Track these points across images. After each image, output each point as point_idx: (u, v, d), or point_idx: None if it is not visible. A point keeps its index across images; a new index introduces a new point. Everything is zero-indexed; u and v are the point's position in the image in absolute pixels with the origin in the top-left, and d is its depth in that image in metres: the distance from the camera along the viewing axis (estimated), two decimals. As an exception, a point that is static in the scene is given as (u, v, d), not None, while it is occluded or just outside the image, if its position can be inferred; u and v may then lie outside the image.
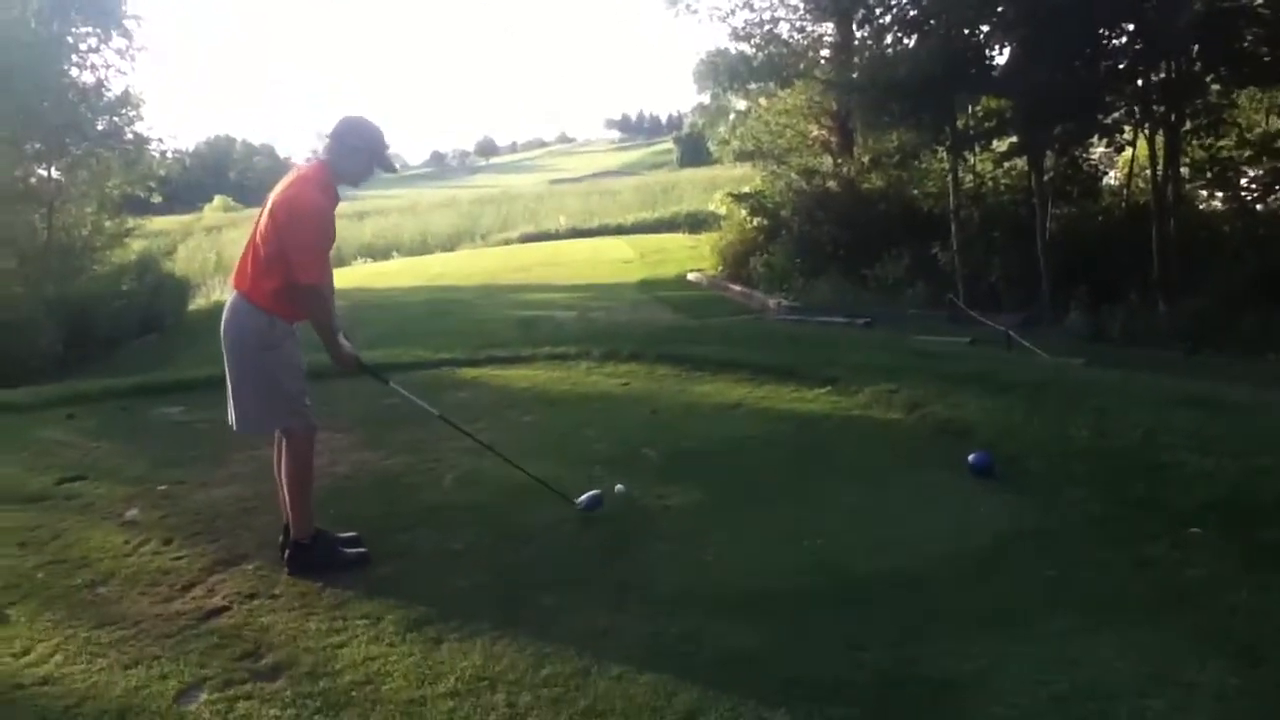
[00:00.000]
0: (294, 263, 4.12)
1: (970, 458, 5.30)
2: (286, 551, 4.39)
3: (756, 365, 7.98)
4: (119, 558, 4.59)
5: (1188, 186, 17.87)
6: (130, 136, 24.28)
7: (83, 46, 23.21)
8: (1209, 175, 17.94)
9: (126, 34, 23.47)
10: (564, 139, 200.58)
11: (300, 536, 4.35)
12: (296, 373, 4.34)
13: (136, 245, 26.11)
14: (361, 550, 4.47)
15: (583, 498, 4.88)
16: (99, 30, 23.17)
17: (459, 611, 3.87)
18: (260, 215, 4.30)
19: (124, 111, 24.03)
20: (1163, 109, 16.24)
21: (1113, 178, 20.77)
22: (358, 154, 4.34)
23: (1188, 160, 17.38)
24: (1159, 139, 16.53)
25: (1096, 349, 12.74)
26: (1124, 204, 19.13)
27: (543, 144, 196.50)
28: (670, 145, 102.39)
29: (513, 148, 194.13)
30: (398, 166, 4.66)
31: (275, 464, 4.51)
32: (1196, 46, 15.75)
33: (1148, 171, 17.26)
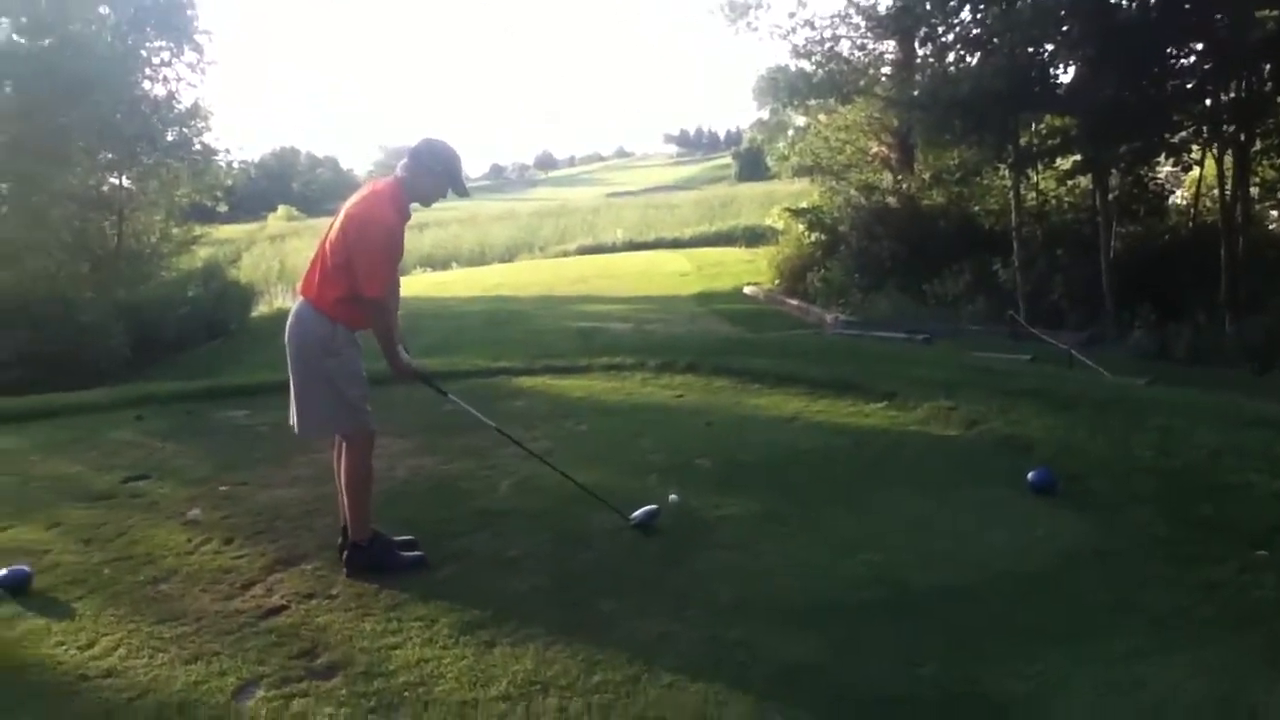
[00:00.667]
0: (361, 276, 4.20)
1: (1031, 475, 5.23)
2: (344, 553, 4.44)
3: (813, 379, 7.94)
4: (181, 555, 4.68)
5: (1257, 206, 17.54)
6: (198, 147, 24.83)
7: (155, 60, 23.84)
8: (1278, 195, 17.63)
9: (198, 48, 24.10)
10: (622, 154, 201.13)
11: (358, 538, 4.39)
12: (358, 379, 4.40)
13: (203, 253, 26.66)
14: (419, 554, 4.50)
15: (638, 513, 4.87)
16: (172, 45, 23.77)
17: (513, 615, 3.88)
18: (331, 225, 4.38)
19: (193, 123, 24.62)
20: (1232, 128, 15.96)
21: (1179, 197, 20.46)
22: (434, 176, 4.40)
23: (1257, 180, 17.07)
24: (1228, 158, 16.25)
25: (1161, 368, 12.53)
26: (1191, 223, 18.83)
27: (600, 159, 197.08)
28: (728, 160, 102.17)
29: (571, 161, 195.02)
30: (468, 192, 4.72)
31: (335, 467, 4.56)
32: (1268, 66, 15.49)
33: (1215, 191, 16.97)
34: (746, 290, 24.73)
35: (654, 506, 4.91)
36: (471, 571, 4.38)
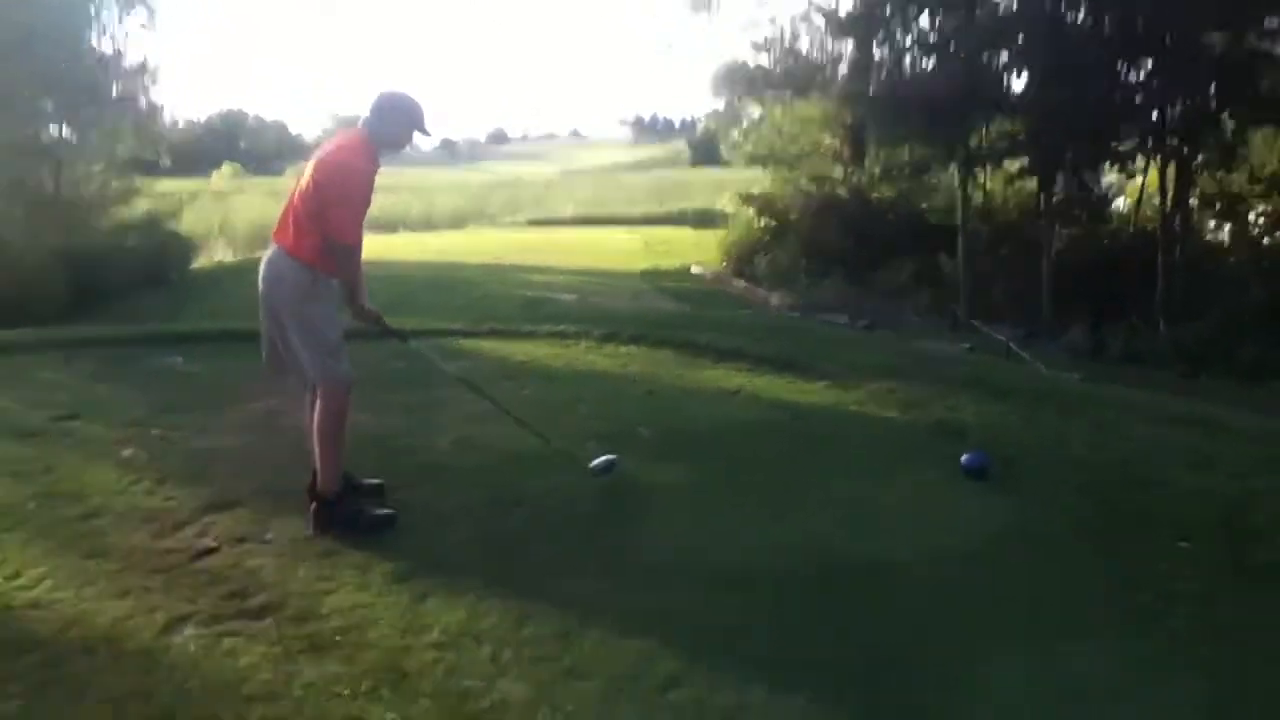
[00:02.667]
0: (333, 221, 4.16)
1: (964, 457, 5.30)
2: (312, 506, 4.33)
3: (756, 355, 7.96)
4: (112, 494, 4.60)
5: (1196, 217, 17.95)
6: (144, 104, 24.50)
7: (105, 15, 23.41)
8: (1217, 208, 18.05)
9: (147, 5, 23.69)
10: (576, 135, 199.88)
11: (326, 491, 4.30)
12: (336, 324, 4.36)
13: (143, 205, 26.18)
14: (389, 512, 4.42)
15: (597, 460, 4.90)
16: (121, 2, 23.38)
17: (447, 568, 3.89)
18: (301, 176, 4.34)
19: (140, 80, 24.27)
20: (1176, 142, 16.31)
21: (1121, 204, 20.87)
22: (397, 122, 4.39)
23: (1197, 192, 17.46)
24: (1170, 170, 16.61)
25: (1095, 366, 12.78)
26: (1131, 229, 19.22)
27: (554, 138, 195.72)
28: (682, 146, 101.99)
29: (524, 139, 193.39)
30: (431, 131, 4.69)
31: (307, 416, 4.48)
32: (1213, 84, 15.85)
33: (1157, 200, 17.34)
34: (694, 269, 24.81)
35: (613, 456, 4.95)
36: (407, 524, 4.35)
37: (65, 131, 23.66)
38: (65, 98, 22.54)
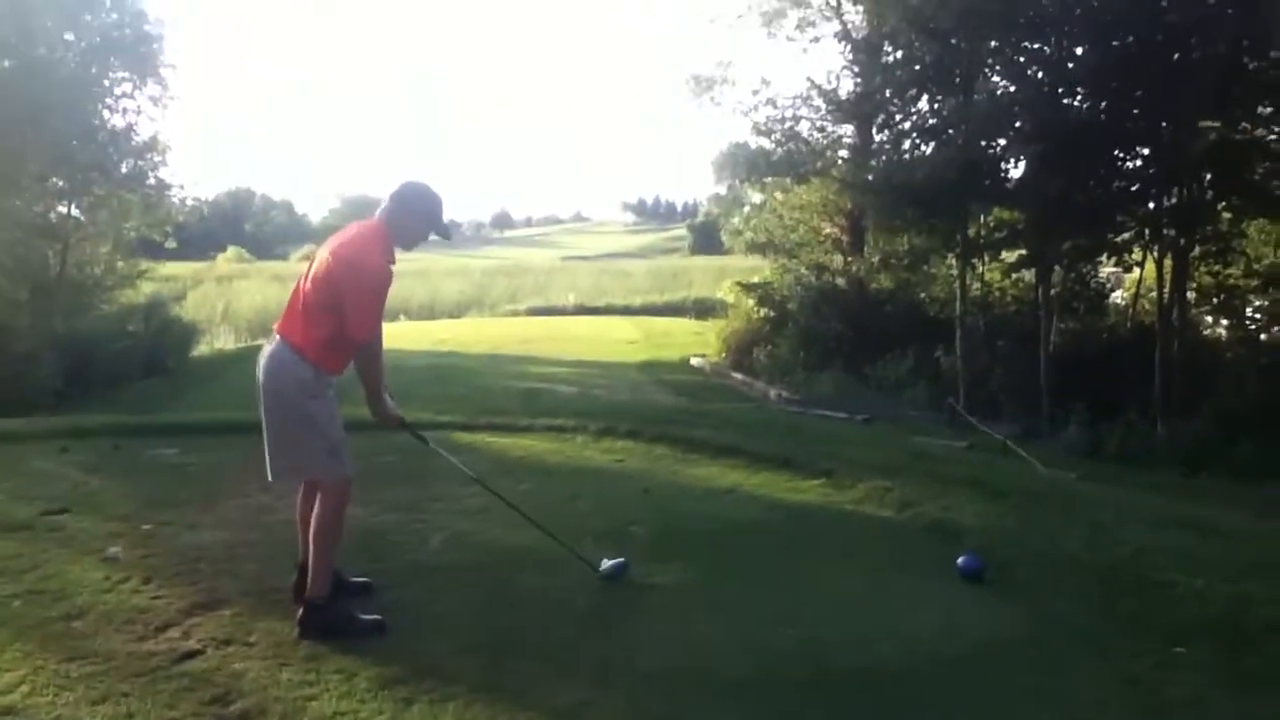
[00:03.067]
0: (350, 319, 4.12)
1: (960, 560, 5.27)
2: (300, 610, 4.21)
3: (753, 453, 7.97)
4: (96, 593, 4.55)
5: (1193, 311, 18.01)
6: (152, 181, 24.58)
7: (117, 91, 23.61)
8: (1215, 301, 18.13)
9: (161, 81, 23.88)
10: (579, 218, 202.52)
11: (316, 595, 4.20)
12: (338, 422, 4.31)
13: (147, 288, 26.25)
14: (377, 619, 4.30)
15: (606, 565, 4.90)
16: (134, 76, 23.57)
17: (435, 673, 3.82)
18: (310, 264, 4.31)
19: (149, 156, 24.37)
20: (1172, 233, 16.43)
21: (1119, 296, 20.97)
22: (417, 218, 4.38)
23: (1194, 285, 17.54)
24: (1167, 262, 16.71)
25: (1092, 465, 12.72)
26: (1129, 323, 19.29)
27: (558, 221, 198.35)
28: (683, 231, 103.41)
29: (528, 222, 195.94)
30: (450, 233, 4.70)
31: (300, 512, 4.44)
32: (1209, 175, 16.02)
33: (1154, 293, 17.42)
34: (693, 361, 24.85)
35: (623, 560, 4.93)
36: (396, 626, 4.28)
37: (74, 210, 23.73)
38: (75, 174, 22.60)
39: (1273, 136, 15.68)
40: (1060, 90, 16.80)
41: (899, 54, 19.28)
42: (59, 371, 17.25)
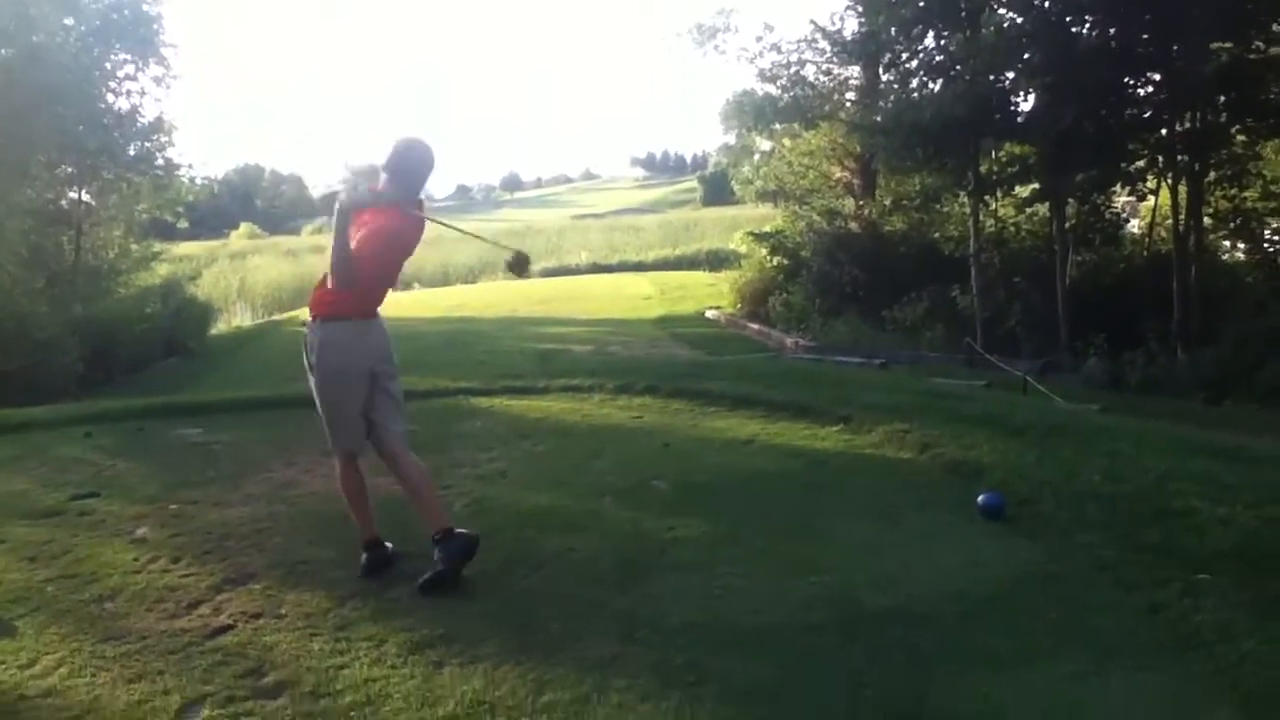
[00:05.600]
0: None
1: (980, 498, 5.28)
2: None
3: (771, 402, 7.97)
4: (127, 574, 4.62)
5: (1210, 237, 17.83)
6: (161, 162, 24.59)
7: (120, 73, 23.56)
8: (1232, 226, 17.94)
9: (163, 61, 23.81)
10: (589, 175, 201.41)
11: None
12: (333, 390, 4.48)
13: (162, 269, 26.36)
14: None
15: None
16: (136, 58, 23.51)
17: (463, 636, 3.87)
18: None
19: (156, 137, 24.36)
20: (1186, 159, 16.25)
21: (1135, 226, 20.77)
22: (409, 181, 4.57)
23: (1211, 211, 17.36)
24: (1182, 188, 16.53)
25: (1114, 396, 12.68)
26: (1145, 252, 19.11)
27: (568, 180, 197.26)
28: (694, 184, 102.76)
29: (537, 183, 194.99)
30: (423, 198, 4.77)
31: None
32: (1222, 98, 15.79)
33: (1170, 221, 17.25)
34: (708, 314, 24.83)
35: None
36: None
37: (84, 196, 23.82)
38: (83, 160, 22.66)
39: (1287, 55, 15.41)
40: (1068, 19, 16.53)
41: (902, -10, 19.00)
42: (81, 357, 17.33)
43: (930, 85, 19.13)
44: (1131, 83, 16.82)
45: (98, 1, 22.78)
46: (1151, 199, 18.79)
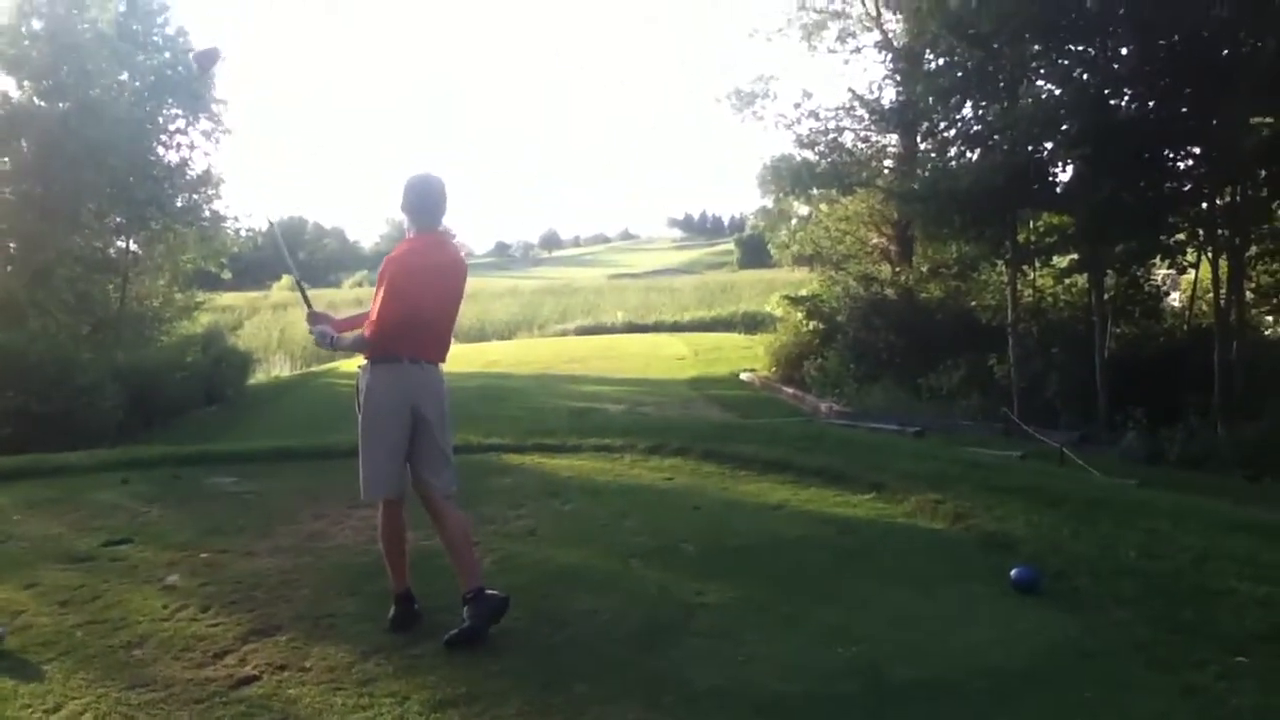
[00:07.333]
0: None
1: (1014, 572, 5.21)
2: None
3: (802, 467, 7.93)
4: (156, 621, 4.65)
5: (1252, 312, 17.65)
6: (207, 214, 25.13)
7: (171, 127, 24.21)
8: (1275, 301, 17.76)
9: (213, 116, 24.45)
10: (627, 235, 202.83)
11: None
12: (373, 435, 4.55)
13: (204, 319, 26.79)
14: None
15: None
16: (188, 113, 24.16)
17: (486, 695, 3.85)
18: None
19: (204, 190, 24.94)
20: (1227, 233, 16.14)
21: (1175, 299, 20.60)
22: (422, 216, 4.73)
23: (1253, 285, 17.21)
24: (1223, 262, 16.41)
25: (1152, 471, 12.50)
26: (1186, 326, 18.93)
27: (606, 239, 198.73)
28: (731, 246, 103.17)
29: (576, 242, 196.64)
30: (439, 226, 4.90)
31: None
32: (1263, 172, 15.73)
33: (1211, 295, 17.10)
34: (743, 376, 24.79)
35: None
36: (448, 649, 4.34)
37: (132, 245, 24.35)
38: (132, 210, 23.20)
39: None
40: (1106, 91, 16.57)
41: (940, 61, 19.12)
42: (121, 404, 17.58)
43: (968, 154, 19.18)
44: (1171, 155, 16.78)
45: (153, 59, 23.45)
46: (1192, 272, 18.65)
